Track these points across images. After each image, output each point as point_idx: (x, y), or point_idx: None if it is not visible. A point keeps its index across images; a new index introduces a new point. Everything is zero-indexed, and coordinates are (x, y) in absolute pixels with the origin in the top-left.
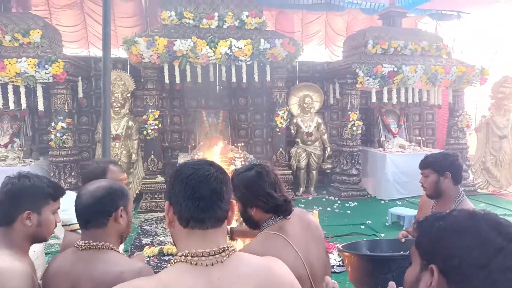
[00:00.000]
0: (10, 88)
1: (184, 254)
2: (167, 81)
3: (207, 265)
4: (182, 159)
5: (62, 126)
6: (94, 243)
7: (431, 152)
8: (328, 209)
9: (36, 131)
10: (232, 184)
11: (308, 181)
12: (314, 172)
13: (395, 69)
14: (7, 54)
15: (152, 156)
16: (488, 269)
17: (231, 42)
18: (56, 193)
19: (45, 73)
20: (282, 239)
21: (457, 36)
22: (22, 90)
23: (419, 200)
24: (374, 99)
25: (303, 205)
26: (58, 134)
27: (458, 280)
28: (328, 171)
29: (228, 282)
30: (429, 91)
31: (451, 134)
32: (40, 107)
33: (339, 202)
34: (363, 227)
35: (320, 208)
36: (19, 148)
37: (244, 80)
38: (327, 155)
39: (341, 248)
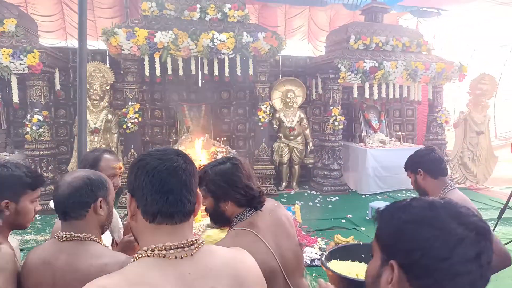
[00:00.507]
0: None
1: (150, 249)
2: (147, 73)
3: (176, 258)
4: None
5: (38, 119)
6: (76, 235)
7: (411, 147)
8: (310, 203)
9: (11, 124)
10: (204, 178)
11: (291, 176)
12: (296, 167)
13: (377, 64)
14: None
15: (132, 150)
16: (450, 262)
17: (213, 34)
18: (35, 182)
19: (20, 63)
20: (253, 235)
21: (438, 33)
22: None
23: (399, 194)
24: (355, 95)
25: (285, 200)
26: (34, 127)
27: (420, 274)
28: (310, 166)
29: (199, 276)
30: (409, 87)
31: (430, 130)
32: (15, 99)
33: (321, 196)
34: (344, 221)
35: (302, 202)
36: None
37: (227, 74)
38: (309, 150)
39: (324, 261)
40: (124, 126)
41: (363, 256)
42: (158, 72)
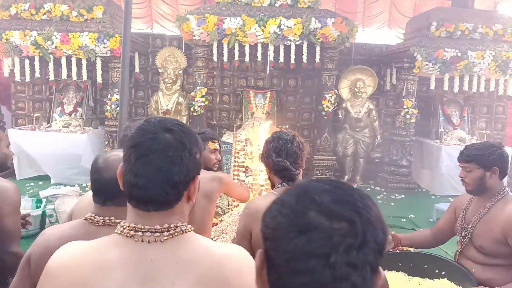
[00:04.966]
0: (73, 60)
1: (123, 226)
2: (215, 59)
3: (142, 241)
4: (226, 137)
5: (116, 98)
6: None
7: None
8: None
9: (97, 102)
10: None
11: (354, 169)
12: (361, 160)
13: (459, 54)
14: (72, 28)
15: None
16: (291, 255)
17: (280, 21)
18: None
19: (104, 47)
20: (274, 196)
21: None
22: (84, 62)
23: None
24: (433, 86)
25: None
26: (113, 106)
27: (269, 267)
28: (377, 160)
29: (161, 266)
30: (498, 80)
31: None
32: (99, 79)
33: (385, 193)
34: (404, 220)
35: None
36: (81, 117)
37: (292, 61)
38: (376, 143)
39: None
40: (192, 109)
41: (411, 266)
42: (225, 58)
